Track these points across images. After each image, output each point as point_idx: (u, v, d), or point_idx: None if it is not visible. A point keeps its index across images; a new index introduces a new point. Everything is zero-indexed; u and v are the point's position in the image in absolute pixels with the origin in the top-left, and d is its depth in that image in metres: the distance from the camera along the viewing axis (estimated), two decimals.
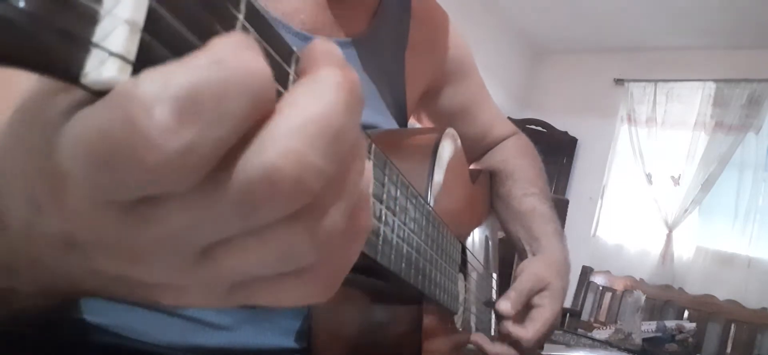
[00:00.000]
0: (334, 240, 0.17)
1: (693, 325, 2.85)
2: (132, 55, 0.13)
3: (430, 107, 0.78)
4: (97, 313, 0.41)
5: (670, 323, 2.82)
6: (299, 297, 0.18)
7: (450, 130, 0.57)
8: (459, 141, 0.61)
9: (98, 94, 0.13)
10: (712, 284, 3.14)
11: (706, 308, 3.05)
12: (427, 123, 0.81)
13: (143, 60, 0.13)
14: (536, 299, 0.63)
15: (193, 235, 0.15)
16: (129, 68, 0.13)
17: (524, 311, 0.63)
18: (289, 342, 0.49)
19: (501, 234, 0.82)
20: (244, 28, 0.15)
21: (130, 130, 0.13)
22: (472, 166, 0.83)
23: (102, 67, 0.13)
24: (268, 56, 0.16)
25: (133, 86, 0.13)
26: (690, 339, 2.79)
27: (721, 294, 3.08)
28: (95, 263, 0.17)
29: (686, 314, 3.10)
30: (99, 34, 0.13)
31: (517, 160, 0.80)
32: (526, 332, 0.60)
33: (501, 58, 3.72)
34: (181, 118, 0.13)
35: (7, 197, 0.18)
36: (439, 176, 0.50)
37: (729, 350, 2.91)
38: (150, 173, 0.13)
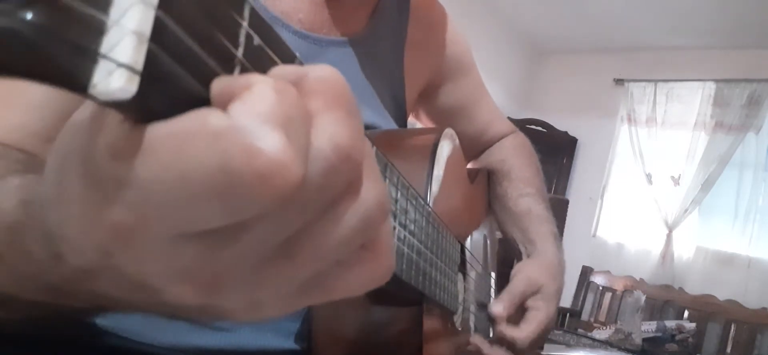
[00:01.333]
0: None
1: (693, 325, 2.85)
2: (139, 65, 0.13)
3: (429, 105, 0.78)
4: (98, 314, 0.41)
5: (670, 323, 2.81)
6: (369, 278, 0.19)
7: (449, 131, 0.57)
8: (457, 141, 0.61)
9: (106, 105, 0.13)
10: (712, 284, 3.13)
11: (706, 308, 3.05)
12: (426, 121, 0.81)
13: (150, 70, 0.13)
14: (530, 302, 0.63)
15: (274, 238, 0.16)
16: (136, 79, 0.13)
17: (519, 314, 0.63)
18: (289, 343, 0.49)
19: (499, 233, 0.82)
20: (248, 36, 0.16)
21: (251, 157, 0.13)
22: (469, 165, 0.83)
23: (110, 77, 0.13)
24: (271, 62, 0.17)
25: (226, 119, 0.14)
26: (690, 339, 2.78)
27: (721, 294, 3.07)
28: (168, 296, 0.16)
29: (686, 314, 3.09)
30: (106, 45, 0.13)
31: (514, 159, 0.80)
32: (521, 332, 0.61)
33: (501, 58, 3.72)
34: (287, 140, 0.14)
35: (66, 240, 0.17)
36: (437, 177, 0.50)
37: (729, 350, 2.91)
38: (272, 191, 0.14)
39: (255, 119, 0.14)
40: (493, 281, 0.79)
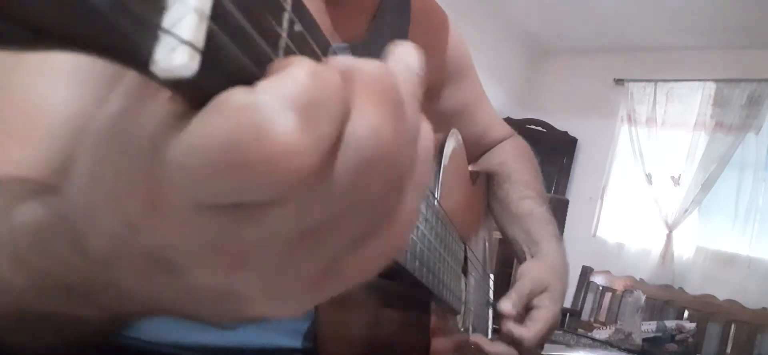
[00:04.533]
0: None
1: (693, 325, 2.85)
2: (200, 43, 0.13)
3: (429, 108, 0.78)
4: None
5: (670, 323, 2.82)
6: (384, 254, 0.19)
7: (454, 131, 0.57)
8: (462, 142, 0.61)
9: (167, 83, 0.13)
10: (712, 284, 3.13)
11: (706, 308, 3.05)
12: None
13: (210, 49, 0.13)
14: (536, 301, 0.64)
15: (297, 223, 0.16)
16: (198, 57, 0.13)
17: (524, 312, 0.63)
18: (295, 342, 0.49)
19: (497, 234, 0.83)
20: (291, 21, 0.16)
21: (260, 137, 0.13)
22: (470, 168, 0.83)
23: (173, 54, 0.13)
24: (310, 48, 0.17)
25: (249, 95, 0.13)
26: (690, 339, 2.79)
27: (721, 294, 3.07)
28: (191, 278, 0.16)
29: (686, 314, 3.09)
30: (168, 21, 0.13)
31: (514, 162, 0.81)
32: (528, 331, 0.61)
33: (501, 58, 3.72)
34: (303, 123, 0.14)
35: (92, 226, 0.18)
36: (444, 177, 0.50)
37: (729, 350, 2.91)
38: (276, 177, 0.14)
39: (275, 99, 0.14)
40: (491, 283, 0.79)
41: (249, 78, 0.14)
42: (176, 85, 0.14)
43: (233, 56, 0.14)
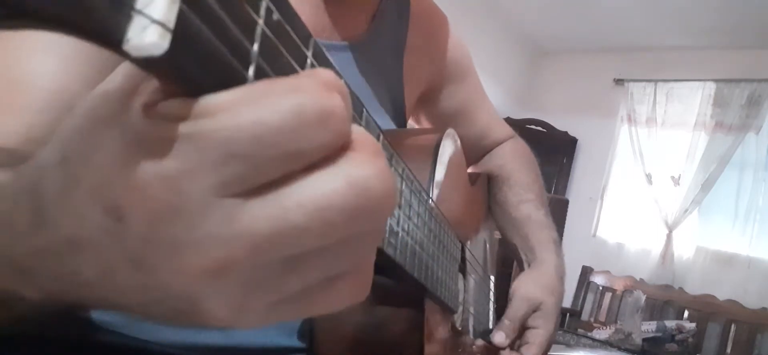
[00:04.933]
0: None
1: (693, 325, 2.85)
2: (171, 23, 0.14)
3: (429, 109, 0.79)
4: (99, 310, 0.41)
5: (670, 323, 2.82)
6: (349, 297, 0.19)
7: (450, 131, 0.57)
8: (459, 142, 0.61)
9: (139, 62, 0.14)
10: (712, 284, 3.13)
11: (706, 308, 3.05)
12: (426, 125, 0.81)
13: (181, 28, 0.14)
14: (530, 321, 0.64)
15: (279, 247, 0.16)
16: (168, 36, 0.14)
17: (519, 334, 0.64)
18: (291, 341, 0.49)
19: (498, 234, 0.82)
20: (268, 9, 0.17)
21: (320, 101, 0.16)
22: (470, 169, 0.83)
23: (144, 33, 0.13)
24: (289, 38, 0.18)
25: (308, 75, 0.17)
26: (690, 339, 2.79)
27: (721, 294, 3.07)
28: (160, 278, 0.17)
29: (686, 314, 3.10)
30: (141, 2, 0.13)
31: (514, 164, 0.80)
32: None
33: (501, 58, 3.72)
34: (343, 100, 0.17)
35: (63, 204, 0.18)
36: (440, 175, 0.50)
37: (729, 350, 2.91)
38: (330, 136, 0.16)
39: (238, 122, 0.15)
40: (492, 284, 0.79)
41: (222, 62, 0.15)
42: (149, 64, 0.14)
43: (205, 38, 0.15)
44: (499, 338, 0.61)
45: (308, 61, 0.19)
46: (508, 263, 0.96)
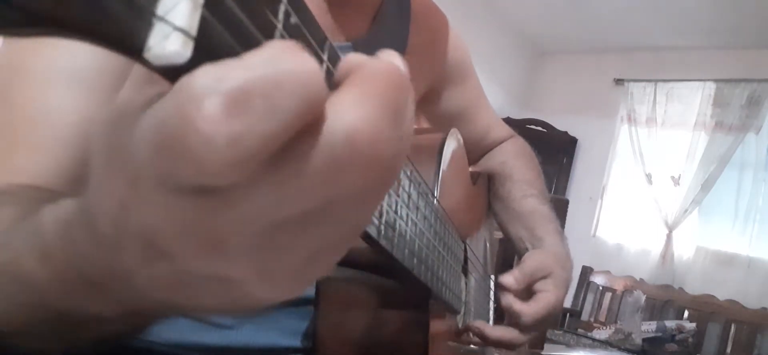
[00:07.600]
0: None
1: (693, 325, 2.86)
2: (194, 30, 0.13)
3: (430, 110, 0.79)
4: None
5: (670, 323, 2.82)
6: (350, 239, 0.19)
7: (454, 131, 0.57)
8: (462, 142, 0.61)
9: (160, 70, 0.13)
10: (712, 284, 3.14)
11: (706, 308, 3.05)
12: (427, 125, 0.81)
13: (204, 36, 0.13)
14: (539, 285, 0.63)
15: (272, 215, 0.16)
16: (191, 44, 0.13)
17: (527, 295, 0.63)
18: (294, 342, 0.49)
19: (498, 234, 0.83)
20: (286, 13, 0.16)
21: (182, 120, 0.13)
22: (470, 169, 0.83)
23: (166, 41, 0.13)
24: (306, 41, 0.17)
25: (189, 79, 0.13)
26: (690, 339, 2.79)
27: (721, 294, 3.08)
28: (181, 263, 0.16)
29: (686, 314, 3.10)
30: (162, 9, 0.13)
31: (516, 161, 0.81)
32: (529, 307, 0.60)
33: (501, 58, 3.72)
34: (229, 112, 0.13)
35: (100, 212, 0.18)
36: (443, 175, 0.50)
37: (729, 350, 2.91)
38: (200, 163, 0.13)
39: (208, 84, 0.13)
40: (492, 284, 0.80)
41: None
42: (170, 73, 0.14)
43: (227, 44, 0.14)
44: (508, 280, 0.60)
45: (324, 64, 0.18)
46: (508, 262, 0.96)
